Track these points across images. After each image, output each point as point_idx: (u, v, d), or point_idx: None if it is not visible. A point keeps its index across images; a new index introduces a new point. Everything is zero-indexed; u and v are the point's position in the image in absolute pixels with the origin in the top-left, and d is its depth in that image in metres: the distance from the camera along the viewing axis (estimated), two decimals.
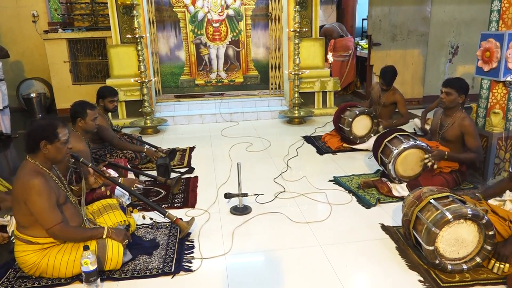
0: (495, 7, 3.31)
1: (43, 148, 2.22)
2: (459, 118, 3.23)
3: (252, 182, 3.65)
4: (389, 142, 3.42)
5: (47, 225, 2.17)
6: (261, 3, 6.25)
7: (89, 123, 3.09)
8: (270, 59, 6.40)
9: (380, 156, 3.48)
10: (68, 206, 2.35)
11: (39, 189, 2.13)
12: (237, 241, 2.73)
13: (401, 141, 3.34)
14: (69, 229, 2.25)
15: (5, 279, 2.36)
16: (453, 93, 3.19)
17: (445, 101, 3.22)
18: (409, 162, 3.30)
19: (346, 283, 2.28)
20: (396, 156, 3.25)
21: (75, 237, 2.30)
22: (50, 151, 2.23)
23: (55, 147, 2.23)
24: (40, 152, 2.23)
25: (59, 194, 2.27)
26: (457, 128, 3.23)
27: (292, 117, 5.80)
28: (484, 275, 2.28)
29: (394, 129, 3.63)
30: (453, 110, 3.27)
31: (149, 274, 2.37)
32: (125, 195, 3.07)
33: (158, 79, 6.27)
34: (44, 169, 2.26)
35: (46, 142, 2.21)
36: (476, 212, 2.22)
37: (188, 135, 5.40)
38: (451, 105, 3.23)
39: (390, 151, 3.32)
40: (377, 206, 3.16)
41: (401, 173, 3.32)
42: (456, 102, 3.22)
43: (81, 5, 6.86)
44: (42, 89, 7.04)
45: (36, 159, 2.25)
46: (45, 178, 2.21)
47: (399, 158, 3.27)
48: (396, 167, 3.30)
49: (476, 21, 6.65)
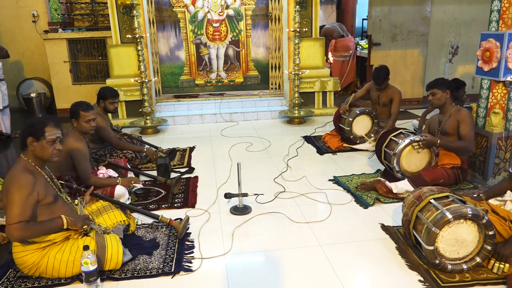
0: (495, 7, 3.31)
1: (29, 145, 2.23)
2: (454, 111, 3.38)
3: (252, 182, 3.65)
4: (395, 136, 3.55)
5: (9, 220, 2.12)
6: (261, 3, 6.25)
7: (82, 124, 3.06)
8: (270, 59, 6.41)
9: (384, 150, 3.56)
10: (60, 204, 2.33)
11: (21, 184, 2.13)
12: (237, 241, 2.73)
13: (395, 142, 3.46)
14: (27, 226, 2.14)
15: (5, 279, 2.36)
16: (437, 91, 3.38)
17: (434, 100, 3.41)
18: (412, 158, 3.39)
19: (346, 283, 2.28)
20: (402, 149, 3.34)
21: (34, 232, 2.19)
22: (36, 148, 2.24)
23: (40, 145, 2.24)
24: (29, 149, 2.24)
25: (47, 193, 2.25)
26: (454, 120, 3.35)
27: (292, 117, 5.80)
28: (484, 275, 2.28)
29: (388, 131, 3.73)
30: (446, 106, 3.41)
31: (149, 274, 2.37)
32: (125, 194, 3.07)
33: (158, 79, 6.27)
34: (36, 167, 2.27)
35: (33, 138, 2.22)
36: (476, 212, 2.22)
37: (188, 135, 5.40)
38: (441, 103, 3.40)
39: (396, 144, 3.43)
40: (378, 206, 3.16)
41: (405, 167, 3.41)
42: (444, 98, 3.38)
43: (81, 5, 6.86)
44: (42, 89, 7.05)
45: (28, 157, 2.26)
46: (34, 176, 2.20)
47: (404, 152, 3.35)
48: (401, 161, 3.38)
49: (476, 21, 6.65)
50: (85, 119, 3.06)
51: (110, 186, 3.00)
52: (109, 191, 2.97)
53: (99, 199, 2.70)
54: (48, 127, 2.26)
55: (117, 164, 3.45)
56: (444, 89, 3.36)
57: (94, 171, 3.16)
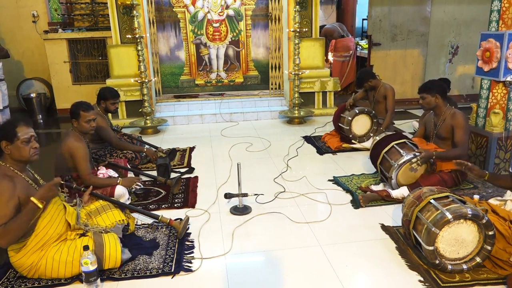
0: (495, 7, 3.32)
1: (4, 149, 2.17)
2: (449, 114, 3.30)
3: (252, 182, 3.65)
4: (399, 145, 3.35)
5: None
6: (261, 3, 6.25)
7: (82, 124, 3.05)
8: (270, 59, 6.40)
9: (379, 167, 3.43)
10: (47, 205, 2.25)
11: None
12: (237, 241, 2.73)
13: (399, 153, 3.27)
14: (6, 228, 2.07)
15: (5, 279, 2.35)
16: (426, 96, 3.32)
17: (424, 104, 3.37)
18: (409, 173, 3.27)
19: (346, 283, 2.28)
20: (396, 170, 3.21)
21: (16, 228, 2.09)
22: (12, 151, 2.17)
23: (16, 147, 2.17)
24: (5, 154, 2.18)
25: (28, 194, 2.16)
26: (449, 124, 3.28)
27: (292, 117, 5.80)
28: (484, 275, 2.28)
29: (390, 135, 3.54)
30: (440, 108, 3.34)
31: (149, 274, 2.37)
32: (125, 194, 3.07)
33: (158, 79, 6.27)
34: (15, 171, 2.20)
35: (6, 142, 2.16)
36: (476, 212, 2.22)
37: (188, 135, 5.40)
38: (430, 107, 3.35)
39: (389, 165, 3.28)
40: (378, 206, 3.16)
41: (403, 183, 3.28)
42: (434, 102, 3.32)
43: (81, 5, 6.86)
44: (42, 89, 7.04)
45: (5, 162, 2.20)
46: (13, 181, 2.13)
47: (399, 173, 3.23)
48: (398, 180, 3.26)
49: (476, 21, 6.65)
50: (85, 119, 3.05)
51: (110, 186, 3.00)
52: (109, 191, 2.97)
53: (98, 199, 2.70)
54: (19, 127, 2.19)
55: (117, 164, 3.45)
56: (433, 93, 3.29)
57: (94, 171, 3.16)
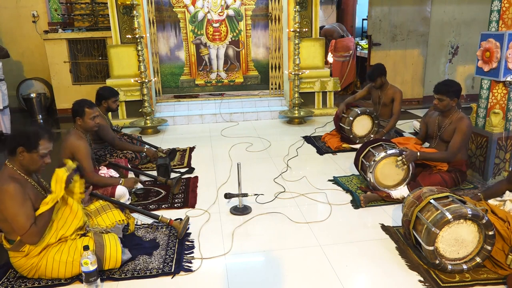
0: (495, 7, 3.31)
1: (19, 154, 2.17)
2: (456, 118, 3.24)
3: (252, 182, 3.65)
4: (374, 148, 3.40)
5: (20, 231, 2.12)
6: (261, 3, 6.25)
7: (87, 121, 3.07)
8: (270, 59, 6.40)
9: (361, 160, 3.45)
10: None
11: (12, 194, 2.08)
12: (237, 241, 2.73)
13: (373, 154, 3.31)
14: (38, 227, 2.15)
15: (5, 279, 2.36)
16: (445, 98, 3.19)
17: (439, 106, 3.24)
18: (387, 172, 3.26)
19: (346, 283, 2.28)
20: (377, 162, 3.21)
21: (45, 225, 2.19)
22: (25, 159, 2.18)
23: (30, 157, 2.18)
24: (17, 158, 2.19)
25: (37, 199, 2.21)
26: (454, 127, 3.22)
27: (292, 117, 5.80)
28: (484, 275, 2.29)
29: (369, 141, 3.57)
30: (450, 111, 3.27)
31: (149, 274, 2.37)
32: (125, 195, 3.07)
33: (158, 79, 6.27)
34: (22, 174, 2.21)
35: (24, 149, 2.17)
36: (476, 212, 2.22)
37: (188, 135, 5.40)
38: (445, 109, 3.25)
39: (373, 156, 3.30)
40: (378, 206, 3.16)
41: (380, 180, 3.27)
42: (450, 105, 3.22)
43: (81, 5, 6.86)
44: (42, 89, 7.04)
45: (14, 164, 2.21)
46: (21, 184, 2.15)
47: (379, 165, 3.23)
48: (376, 174, 3.25)
49: (476, 21, 6.65)
50: (90, 115, 3.08)
51: (112, 185, 3.01)
52: (110, 191, 2.98)
53: (99, 199, 2.70)
54: (43, 140, 2.20)
55: (118, 164, 3.45)
56: (453, 97, 3.18)
57: (96, 170, 3.17)
